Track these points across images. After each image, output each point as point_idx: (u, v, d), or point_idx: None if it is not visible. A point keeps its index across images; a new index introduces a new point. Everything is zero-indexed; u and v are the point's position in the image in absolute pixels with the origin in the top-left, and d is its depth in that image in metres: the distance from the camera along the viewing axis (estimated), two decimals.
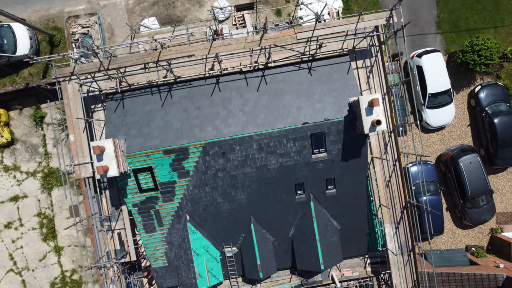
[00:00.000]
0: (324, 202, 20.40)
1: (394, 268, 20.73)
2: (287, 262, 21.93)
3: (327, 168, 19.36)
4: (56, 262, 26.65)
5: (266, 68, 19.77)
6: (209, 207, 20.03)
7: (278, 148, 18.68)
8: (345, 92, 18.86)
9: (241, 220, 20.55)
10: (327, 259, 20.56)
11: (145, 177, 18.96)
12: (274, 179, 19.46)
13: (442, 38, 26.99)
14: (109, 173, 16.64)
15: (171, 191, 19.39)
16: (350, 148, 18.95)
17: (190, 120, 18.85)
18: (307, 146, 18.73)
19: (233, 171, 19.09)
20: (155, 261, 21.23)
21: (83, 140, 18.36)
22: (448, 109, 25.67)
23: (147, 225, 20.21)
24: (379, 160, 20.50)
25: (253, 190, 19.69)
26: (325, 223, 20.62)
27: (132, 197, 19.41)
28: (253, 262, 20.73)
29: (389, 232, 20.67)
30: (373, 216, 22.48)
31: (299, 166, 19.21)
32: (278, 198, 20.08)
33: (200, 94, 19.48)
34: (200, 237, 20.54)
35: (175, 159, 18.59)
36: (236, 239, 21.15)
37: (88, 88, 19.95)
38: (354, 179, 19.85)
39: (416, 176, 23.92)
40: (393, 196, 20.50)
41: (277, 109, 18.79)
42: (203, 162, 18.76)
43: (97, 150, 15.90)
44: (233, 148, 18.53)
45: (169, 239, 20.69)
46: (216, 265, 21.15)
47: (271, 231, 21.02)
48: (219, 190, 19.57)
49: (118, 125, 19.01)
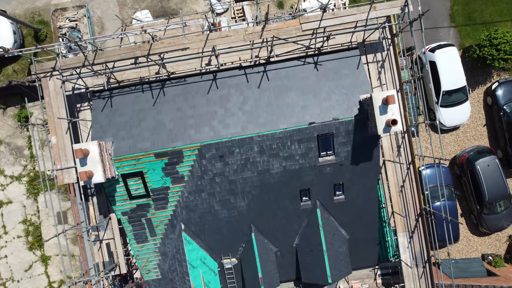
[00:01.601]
0: (332, 209, 18.88)
1: (408, 281, 19.20)
2: (291, 274, 20.44)
3: (335, 172, 17.84)
4: (43, 273, 25.14)
5: (268, 63, 18.28)
6: (206, 215, 18.51)
7: (281, 150, 17.16)
8: (355, 89, 17.36)
9: (241, 229, 19.04)
10: (335, 271, 19.03)
11: (135, 182, 17.44)
12: (277, 184, 17.94)
13: (456, 31, 25.48)
14: (94, 179, 15.12)
15: (164, 198, 17.87)
16: (361, 150, 17.45)
17: (185, 120, 17.33)
18: (313, 148, 17.21)
19: (232, 175, 17.56)
20: (148, 274, 19.71)
21: (66, 142, 16.85)
22: (463, 108, 24.15)
23: (138, 235, 18.68)
24: (391, 163, 18.95)
25: (254, 197, 18.18)
26: (332, 232, 19.09)
27: (122, 205, 17.89)
28: (254, 274, 19.22)
29: (402, 242, 19.13)
30: (383, 224, 20.95)
31: (305, 170, 17.69)
32: (282, 205, 18.58)
33: (195, 92, 17.97)
34: (196, 247, 19.01)
35: (168, 163, 17.06)
36: (236, 250, 19.64)
37: (73, 86, 18.50)
38: (365, 184, 18.34)
39: (429, 180, 22.38)
40: (407, 203, 18.94)
41: (280, 107, 17.27)
42: (199, 166, 17.23)
43: (80, 153, 14.35)
44: (232, 151, 17.00)
45: (162, 250, 19.18)
46: (213, 278, 19.61)
47: (273, 240, 19.51)
48: (217, 197, 18.05)
49: (105, 126, 17.50)
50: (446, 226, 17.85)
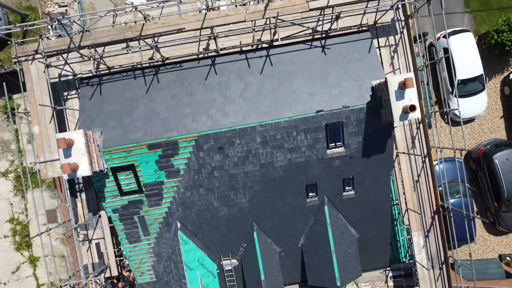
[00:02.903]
0: (341, 206, 17.49)
1: (423, 284, 17.79)
2: (295, 277, 19.10)
3: (344, 165, 16.44)
4: (31, 275, 23.77)
5: (271, 47, 16.87)
6: (203, 212, 17.13)
7: (286, 141, 15.77)
8: (367, 75, 15.96)
9: (242, 228, 17.67)
10: (344, 273, 17.63)
11: (126, 177, 16.07)
12: (281, 179, 16.55)
13: (471, 17, 24.05)
14: (79, 172, 13.75)
15: (158, 193, 16.48)
16: (373, 141, 16.06)
17: (180, 109, 15.93)
18: (321, 139, 15.81)
19: (232, 169, 16.17)
20: (141, 276, 18.33)
21: (50, 132, 15.48)
22: (479, 98, 22.74)
23: (131, 234, 17.29)
24: (405, 156, 17.55)
25: (256, 192, 16.78)
26: (341, 231, 17.70)
27: (112, 201, 16.52)
28: (256, 277, 17.85)
29: (417, 242, 17.76)
30: (394, 222, 19.53)
31: (312, 164, 16.30)
32: (286, 202, 17.19)
33: (192, 78, 16.59)
34: (193, 248, 17.63)
35: (162, 155, 15.68)
36: (236, 250, 18.27)
37: (60, 72, 17.11)
38: (377, 178, 16.95)
39: (442, 175, 20.89)
40: (423, 199, 17.53)
41: (285, 95, 15.89)
42: (196, 159, 15.84)
43: (63, 143, 12.96)
44: (232, 142, 15.61)
45: (157, 251, 17.80)
46: (212, 281, 18.23)
47: (277, 240, 18.12)
48: (216, 193, 16.64)
49: (94, 115, 16.13)
50: (467, 223, 16.41)
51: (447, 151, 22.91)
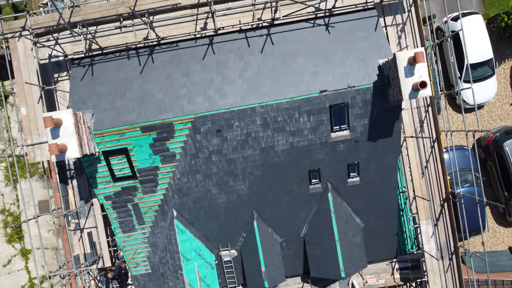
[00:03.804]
0: (345, 193, 16.71)
1: (432, 275, 17.00)
2: (297, 269, 18.32)
3: (349, 150, 15.66)
4: (23, 268, 23.02)
5: (272, 26, 16.05)
6: (201, 200, 16.35)
7: (288, 124, 14.97)
8: (373, 53, 15.17)
9: (241, 217, 16.90)
10: (349, 264, 16.85)
11: (119, 161, 15.29)
12: (283, 164, 15.77)
13: (479, 0, 23.18)
14: (68, 154, 12.98)
15: (152, 179, 15.70)
16: (379, 124, 15.29)
17: (176, 89, 15.17)
18: (325, 121, 15.02)
19: (231, 154, 15.39)
20: (136, 267, 17.55)
21: (38, 114, 14.70)
22: (488, 84, 21.94)
23: (124, 223, 16.52)
24: (413, 141, 16.76)
25: (256, 179, 16.00)
26: (346, 220, 16.92)
27: (104, 188, 15.76)
28: (257, 268, 17.10)
29: (426, 231, 17.01)
30: (400, 212, 18.68)
31: (315, 148, 15.53)
32: (288, 189, 16.39)
33: (188, 58, 15.82)
34: (190, 237, 16.86)
35: (157, 139, 14.90)
36: (236, 240, 17.51)
37: (50, 53, 16.32)
38: (383, 164, 16.17)
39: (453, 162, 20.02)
40: (432, 186, 16.74)
41: (287, 74, 15.10)
42: (192, 143, 15.06)
43: (50, 122, 12.18)
44: (230, 124, 14.82)
45: (152, 241, 17.03)
46: (210, 272, 17.46)
47: (278, 230, 17.36)
48: (214, 179, 15.86)
49: (85, 97, 15.36)
50: (480, 210, 15.62)
51: (456, 138, 22.10)
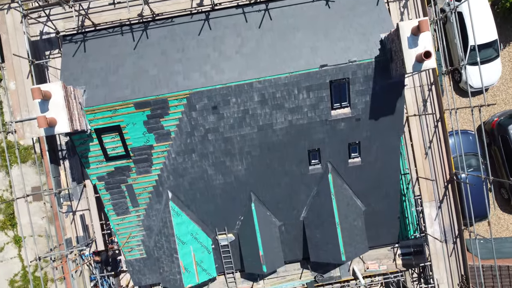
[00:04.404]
0: (346, 174, 16.23)
1: (435, 259, 16.51)
2: (297, 254, 17.84)
3: (350, 129, 15.18)
4: (16, 256, 22.53)
5: (271, 1, 15.59)
6: (197, 181, 15.86)
7: (286, 100, 14.49)
8: (375, 28, 14.68)
9: (238, 199, 16.43)
10: (350, 248, 16.38)
11: (112, 140, 14.82)
12: (282, 143, 15.29)
13: None
14: (57, 129, 12.48)
15: (147, 159, 15.22)
16: (381, 101, 14.82)
17: (171, 65, 14.69)
18: (325, 98, 14.54)
19: (228, 132, 14.91)
20: (130, 252, 17.08)
21: (27, 89, 14.15)
22: (493, 66, 21.42)
23: (118, 205, 16.05)
24: (416, 120, 16.28)
25: (254, 159, 15.52)
26: (346, 202, 16.44)
27: (97, 168, 15.27)
28: (255, 252, 16.63)
29: (429, 214, 16.52)
30: (402, 197, 18.14)
31: (315, 126, 15.05)
32: (287, 170, 15.92)
33: (184, 33, 15.33)
34: (186, 220, 16.39)
35: (151, 116, 14.42)
36: (233, 224, 17.06)
37: (42, 29, 15.84)
38: (385, 144, 15.68)
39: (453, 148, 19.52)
40: (435, 167, 16.26)
41: (286, 49, 14.63)
42: (188, 120, 14.58)
43: (38, 94, 11.68)
44: (227, 101, 14.33)
45: (146, 224, 16.56)
46: (207, 257, 16.99)
47: (277, 213, 16.89)
48: (210, 159, 15.38)
49: (77, 73, 14.88)
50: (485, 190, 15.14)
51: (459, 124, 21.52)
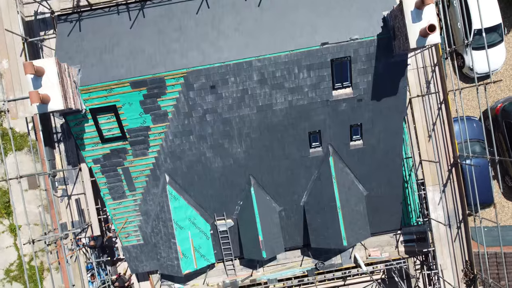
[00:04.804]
0: (347, 158, 15.91)
1: (439, 245, 16.18)
2: (297, 240, 17.54)
3: (352, 110, 14.86)
4: (11, 245, 22.20)
5: None
6: (195, 164, 15.54)
7: (286, 80, 14.16)
8: (377, 5, 14.37)
9: (237, 183, 16.12)
10: (351, 233, 16.06)
11: (107, 121, 14.49)
12: (282, 125, 14.97)
13: None
14: (51, 106, 12.17)
15: (143, 141, 14.90)
16: (384, 81, 14.50)
17: (168, 45, 14.38)
18: (326, 77, 14.20)
19: (227, 113, 14.59)
20: (127, 238, 16.75)
21: (20, 67, 13.82)
22: (497, 51, 21.06)
23: (114, 189, 15.73)
24: (419, 102, 15.95)
25: (253, 141, 15.20)
26: (348, 187, 16.11)
27: (92, 150, 14.95)
28: (254, 238, 16.33)
29: (432, 198, 16.21)
30: (405, 184, 17.77)
31: (315, 107, 14.75)
32: (287, 152, 15.59)
33: (182, 12, 15.01)
34: (184, 204, 16.06)
35: (148, 95, 14.10)
36: (232, 209, 16.75)
37: (36, 9, 15.49)
38: (388, 126, 15.37)
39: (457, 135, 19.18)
40: (439, 150, 15.92)
41: (286, 27, 14.32)
42: (185, 100, 14.25)
43: (30, 68, 11.36)
44: (225, 80, 14.00)
45: (144, 209, 16.25)
46: (205, 242, 16.67)
47: (277, 197, 16.57)
48: (208, 141, 15.05)
49: (72, 53, 14.57)
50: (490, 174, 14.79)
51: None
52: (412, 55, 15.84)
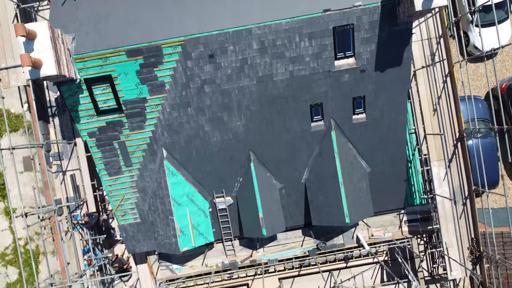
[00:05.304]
0: (350, 132, 15.54)
1: (445, 223, 15.78)
2: (298, 219, 17.16)
3: (355, 81, 14.47)
4: (6, 228, 21.83)
5: None
6: (193, 138, 15.17)
7: (287, 48, 13.77)
8: None
9: (237, 158, 15.75)
10: (354, 210, 15.68)
11: (103, 91, 14.11)
12: (283, 97, 14.60)
13: None
14: (43, 71, 11.82)
15: (140, 113, 14.51)
16: (388, 50, 14.11)
17: (165, 12, 14.01)
18: (328, 46, 13.81)
19: (226, 84, 14.19)
20: (124, 216, 16.38)
21: (13, 35, 13.43)
22: (502, 29, 20.60)
23: (110, 164, 15.34)
24: (423, 75, 15.54)
25: (253, 114, 14.84)
26: (350, 162, 15.73)
27: (87, 122, 14.57)
28: (254, 215, 15.96)
29: (437, 173, 15.79)
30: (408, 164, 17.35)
31: (317, 78, 14.35)
32: (288, 126, 15.22)
33: None
34: (182, 181, 15.67)
35: (144, 65, 13.72)
36: (231, 186, 16.36)
37: None
38: (392, 99, 14.98)
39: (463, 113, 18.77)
40: (444, 124, 15.52)
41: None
42: (183, 70, 13.86)
43: (22, 30, 11.00)
44: (224, 49, 13.60)
45: (140, 185, 15.88)
46: (204, 220, 16.30)
47: (277, 174, 16.21)
48: (207, 113, 14.67)
49: (66, 22, 14.19)
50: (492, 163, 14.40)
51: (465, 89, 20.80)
52: (416, 25, 15.45)
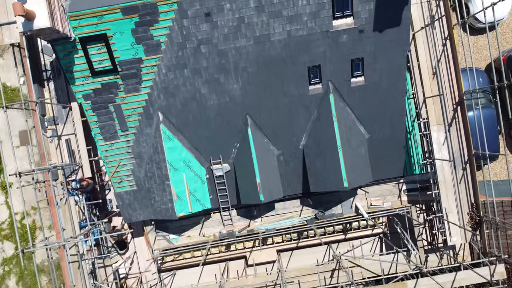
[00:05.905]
0: (348, 96, 15.42)
1: (444, 188, 15.66)
2: (296, 188, 17.02)
3: (353, 42, 14.35)
4: (3, 203, 21.69)
5: None
6: (190, 101, 15.06)
7: (284, 7, 13.65)
8: None
9: (234, 123, 15.63)
10: (352, 175, 15.55)
11: (98, 52, 13.97)
12: (280, 58, 14.47)
13: None
14: (36, 23, 11.66)
15: (136, 74, 14.39)
16: (386, 10, 14.01)
17: None
18: (325, 5, 13.69)
19: (222, 44, 14.06)
20: (120, 183, 16.25)
21: None
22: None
23: (106, 128, 15.23)
24: (423, 38, 15.41)
25: (250, 76, 14.71)
26: (349, 127, 15.63)
27: (82, 84, 14.47)
28: (251, 181, 15.80)
29: (437, 138, 15.67)
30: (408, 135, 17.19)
31: (315, 38, 14.24)
32: (285, 90, 15.12)
33: None
34: (178, 146, 15.56)
35: (139, 23, 13.58)
36: (228, 152, 16.20)
37: None
38: (391, 61, 14.88)
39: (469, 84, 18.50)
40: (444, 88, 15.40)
41: None
42: (179, 29, 13.73)
43: None
44: (221, 7, 13.47)
45: (136, 151, 15.75)
46: (201, 186, 16.19)
47: (275, 140, 16.11)
48: (203, 75, 14.54)
49: None
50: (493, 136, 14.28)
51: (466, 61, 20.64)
52: None
